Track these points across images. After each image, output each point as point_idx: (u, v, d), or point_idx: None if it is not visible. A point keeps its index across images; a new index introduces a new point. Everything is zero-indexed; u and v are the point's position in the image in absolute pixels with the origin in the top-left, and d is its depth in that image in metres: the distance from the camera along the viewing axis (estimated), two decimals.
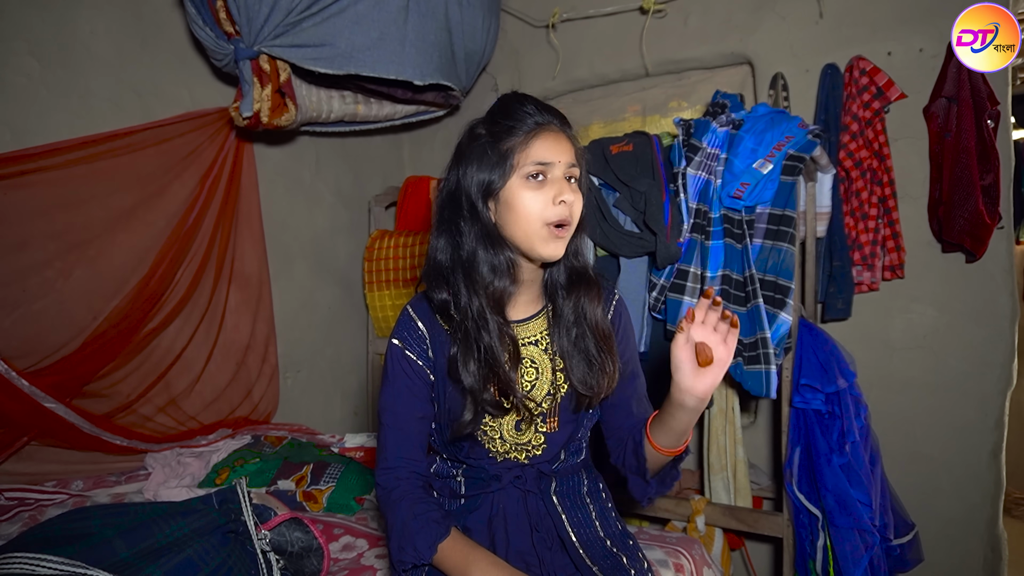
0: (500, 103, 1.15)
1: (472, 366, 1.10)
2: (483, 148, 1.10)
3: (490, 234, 1.11)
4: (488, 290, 1.11)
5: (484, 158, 1.09)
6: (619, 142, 2.02)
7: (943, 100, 2.05)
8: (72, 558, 1.10)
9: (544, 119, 1.10)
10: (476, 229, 1.12)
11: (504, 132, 1.09)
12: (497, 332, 1.10)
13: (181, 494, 1.79)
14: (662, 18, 2.53)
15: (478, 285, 1.11)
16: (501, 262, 1.12)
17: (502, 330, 1.11)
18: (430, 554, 1.07)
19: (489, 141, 1.10)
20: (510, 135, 1.08)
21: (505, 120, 1.10)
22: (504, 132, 1.09)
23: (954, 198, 2.00)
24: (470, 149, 1.12)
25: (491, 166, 1.08)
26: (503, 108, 1.13)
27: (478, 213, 1.11)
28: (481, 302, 1.11)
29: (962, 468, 2.11)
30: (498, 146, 1.08)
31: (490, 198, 1.10)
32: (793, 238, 1.78)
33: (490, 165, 1.08)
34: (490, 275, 1.11)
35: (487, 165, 1.09)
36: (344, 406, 2.91)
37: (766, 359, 1.74)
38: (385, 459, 1.18)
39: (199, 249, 2.19)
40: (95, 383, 1.94)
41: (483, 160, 1.09)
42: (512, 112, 1.11)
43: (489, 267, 1.11)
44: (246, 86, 1.99)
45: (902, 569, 1.91)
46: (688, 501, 2.03)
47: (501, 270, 1.12)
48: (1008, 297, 2.04)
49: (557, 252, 1.09)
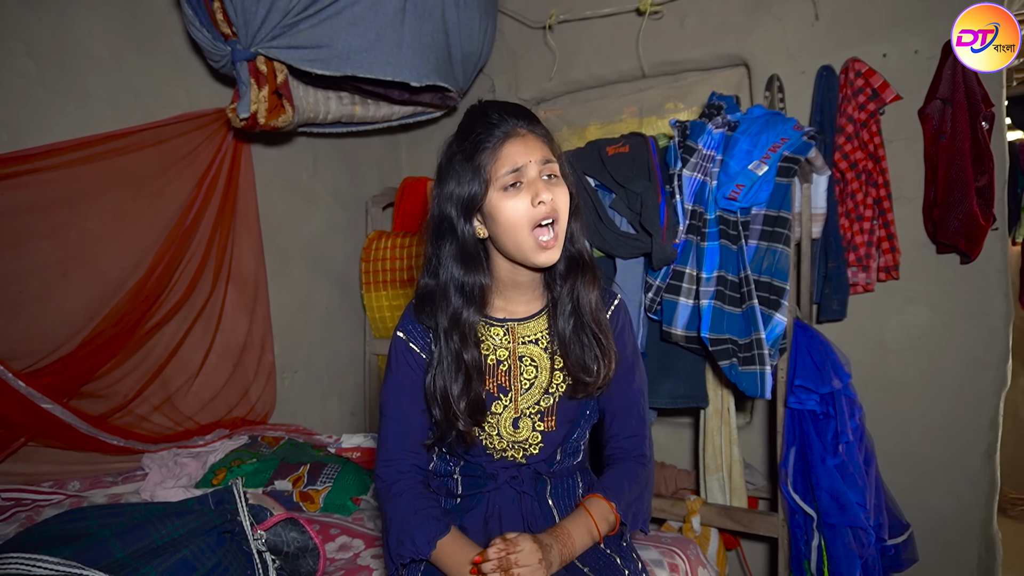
0: (466, 117, 1.16)
1: (439, 385, 1.14)
2: (458, 166, 1.11)
3: (466, 252, 1.13)
4: (454, 316, 1.13)
5: (460, 175, 1.10)
6: (615, 143, 2.02)
7: (938, 102, 2.06)
8: (68, 558, 1.10)
9: (509, 126, 1.10)
10: (453, 248, 1.13)
11: (473, 147, 1.10)
12: (454, 359, 1.13)
13: (178, 494, 1.79)
14: (659, 19, 2.54)
15: (446, 309, 1.14)
16: (472, 285, 1.14)
17: (459, 359, 1.13)
18: (429, 549, 1.08)
19: (461, 159, 1.11)
20: (480, 149, 1.09)
21: (473, 134, 1.10)
22: (473, 147, 1.10)
23: (949, 199, 2.01)
24: (447, 169, 1.13)
25: (467, 181, 1.09)
26: (470, 122, 1.13)
27: (457, 231, 1.12)
28: (445, 323, 1.13)
29: (957, 468, 2.12)
30: (470, 162, 1.09)
31: (474, 214, 1.12)
32: (788, 239, 1.79)
33: (466, 180, 1.10)
34: (457, 299, 1.14)
35: (464, 181, 1.10)
36: (341, 406, 2.91)
37: (761, 360, 1.74)
38: (386, 451, 1.19)
39: (197, 250, 2.19)
40: (92, 384, 1.95)
41: (460, 177, 1.10)
42: (478, 124, 1.11)
43: (457, 289, 1.14)
44: (243, 87, 1.99)
45: (897, 569, 1.92)
46: (684, 501, 2.03)
47: (470, 295, 1.14)
48: (1002, 298, 2.05)
49: (551, 259, 1.10)
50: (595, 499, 1.16)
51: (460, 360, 1.13)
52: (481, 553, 1.04)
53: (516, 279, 1.18)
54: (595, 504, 1.15)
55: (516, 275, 1.17)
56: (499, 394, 1.18)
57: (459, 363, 1.13)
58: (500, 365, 1.19)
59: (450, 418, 1.13)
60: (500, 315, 1.21)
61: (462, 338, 1.13)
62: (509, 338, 1.20)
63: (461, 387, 1.12)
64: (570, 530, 1.11)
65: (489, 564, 1.01)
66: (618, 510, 1.15)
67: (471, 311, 1.14)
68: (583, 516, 1.13)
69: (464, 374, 1.13)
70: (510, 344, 1.20)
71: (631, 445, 1.25)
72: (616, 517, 1.15)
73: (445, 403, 1.12)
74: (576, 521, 1.13)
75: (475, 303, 1.14)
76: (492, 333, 1.20)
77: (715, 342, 1.80)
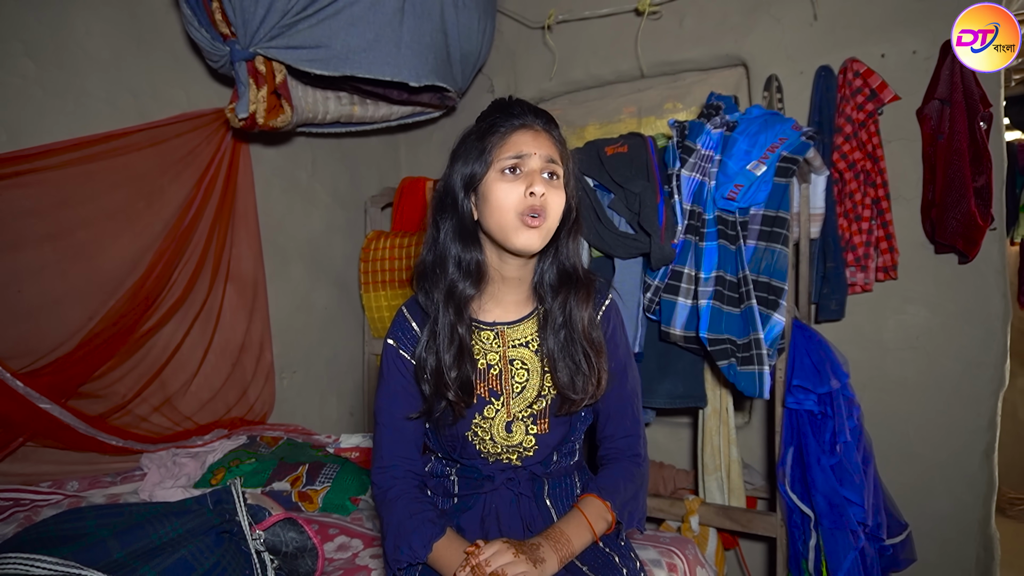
0: (491, 105, 1.18)
1: (431, 362, 1.14)
2: (469, 145, 1.14)
3: (464, 228, 1.15)
4: (450, 287, 1.15)
5: (469, 154, 1.13)
6: (614, 143, 2.02)
7: (936, 102, 2.06)
8: (66, 558, 1.10)
9: (528, 119, 1.13)
10: (453, 223, 1.15)
11: (487, 129, 1.13)
12: (448, 331, 1.14)
13: (177, 494, 1.79)
14: (657, 20, 2.54)
15: (443, 281, 1.15)
16: (469, 261, 1.15)
17: (454, 330, 1.14)
18: (425, 553, 1.08)
19: (473, 139, 1.14)
20: (492, 131, 1.12)
21: (491, 118, 1.14)
22: (487, 129, 1.13)
23: (947, 200, 2.01)
24: (460, 147, 1.16)
25: (473, 160, 1.12)
26: (492, 108, 1.17)
27: (458, 206, 1.14)
28: (441, 297, 1.15)
29: (955, 468, 2.12)
30: (480, 142, 1.12)
31: (471, 191, 1.13)
32: (787, 239, 1.79)
33: (472, 159, 1.12)
34: (455, 271, 1.15)
35: (470, 160, 1.12)
36: (340, 406, 2.91)
37: (759, 360, 1.75)
38: (381, 458, 1.19)
39: (195, 250, 2.19)
40: (91, 384, 1.95)
41: (468, 156, 1.13)
42: (498, 111, 1.15)
43: (455, 263, 1.15)
44: (242, 87, 1.99)
45: (895, 568, 1.92)
46: (682, 501, 2.03)
47: (467, 270, 1.15)
48: (1000, 298, 2.05)
49: (530, 243, 1.09)
50: (590, 499, 1.16)
51: (455, 331, 1.14)
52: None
53: (504, 272, 1.18)
54: (590, 504, 1.15)
55: (503, 267, 1.17)
56: (491, 398, 1.18)
57: (453, 334, 1.14)
58: (491, 369, 1.19)
59: (440, 388, 1.13)
60: (489, 318, 1.21)
61: (457, 310, 1.15)
62: (499, 342, 1.20)
63: (453, 357, 1.13)
64: (564, 530, 1.11)
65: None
66: (613, 509, 1.15)
67: (467, 284, 1.15)
68: (578, 516, 1.13)
69: (457, 346, 1.14)
70: (500, 348, 1.20)
71: (625, 445, 1.25)
72: (612, 516, 1.15)
73: (437, 374, 1.13)
74: (571, 521, 1.13)
75: (471, 277, 1.16)
76: (482, 337, 1.20)
77: (713, 342, 1.80)
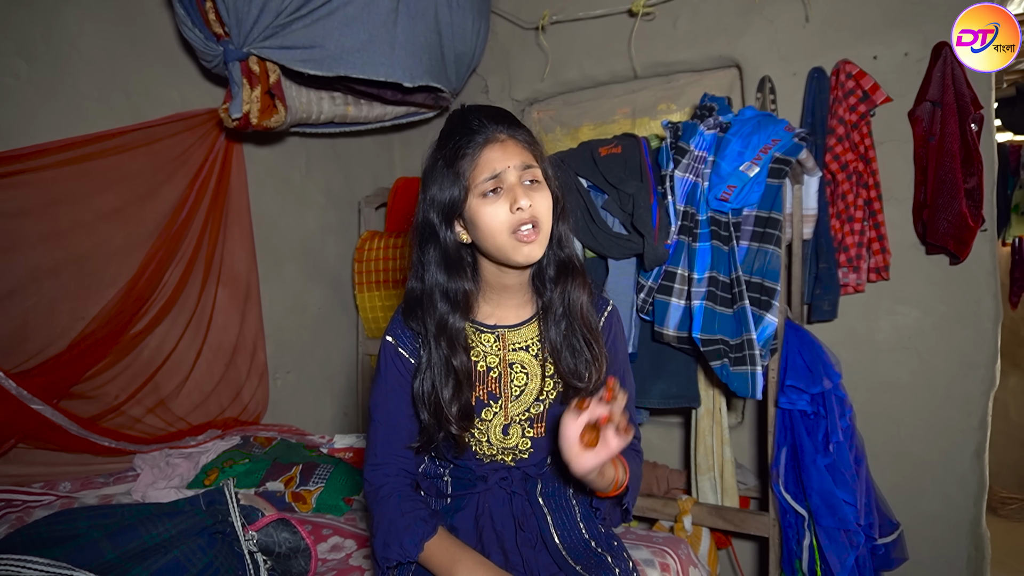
0: (447, 123, 1.16)
1: (426, 387, 1.14)
2: (440, 172, 1.11)
3: (448, 258, 1.13)
4: (441, 322, 1.13)
5: (443, 181, 1.11)
6: (608, 144, 2.03)
7: (928, 104, 2.07)
8: (58, 560, 1.10)
9: (489, 132, 1.09)
10: (436, 254, 1.14)
11: (453, 153, 1.10)
12: (443, 365, 1.13)
13: (170, 495, 1.79)
14: (651, 21, 2.55)
15: (433, 315, 1.14)
16: (456, 291, 1.14)
17: (449, 364, 1.13)
18: (416, 552, 1.08)
19: (442, 165, 1.11)
20: (460, 156, 1.09)
21: (454, 140, 1.11)
22: (453, 153, 1.10)
23: (938, 201, 2.02)
24: (430, 174, 1.14)
25: (448, 188, 1.10)
26: (450, 128, 1.14)
27: (440, 238, 1.13)
28: (432, 330, 1.13)
29: (946, 468, 2.13)
30: (451, 168, 1.09)
31: (455, 220, 1.12)
32: (779, 240, 1.80)
33: (447, 187, 1.10)
34: (443, 304, 1.14)
35: (445, 188, 1.10)
36: (334, 407, 2.91)
37: (752, 360, 1.75)
38: (374, 455, 1.19)
39: (188, 250, 2.18)
40: (82, 384, 1.93)
41: (442, 183, 1.11)
42: (458, 131, 1.11)
43: (442, 295, 1.14)
44: (235, 87, 1.99)
45: (887, 568, 1.93)
46: (675, 501, 2.04)
47: (455, 300, 1.14)
48: (991, 299, 2.07)
49: (531, 255, 1.09)
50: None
51: (449, 365, 1.13)
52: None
53: (503, 282, 1.18)
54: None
55: (503, 278, 1.17)
56: (489, 401, 1.18)
57: (448, 368, 1.13)
58: (490, 372, 1.19)
59: (441, 422, 1.13)
60: (491, 321, 1.21)
61: (450, 344, 1.13)
62: (499, 345, 1.20)
63: (452, 392, 1.13)
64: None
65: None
66: (627, 472, 1.15)
67: (456, 316, 1.14)
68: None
69: (454, 379, 1.13)
70: (500, 351, 1.20)
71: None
72: (626, 478, 1.14)
73: (436, 408, 1.12)
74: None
75: (460, 308, 1.14)
76: (482, 340, 1.20)
77: (706, 342, 1.81)
